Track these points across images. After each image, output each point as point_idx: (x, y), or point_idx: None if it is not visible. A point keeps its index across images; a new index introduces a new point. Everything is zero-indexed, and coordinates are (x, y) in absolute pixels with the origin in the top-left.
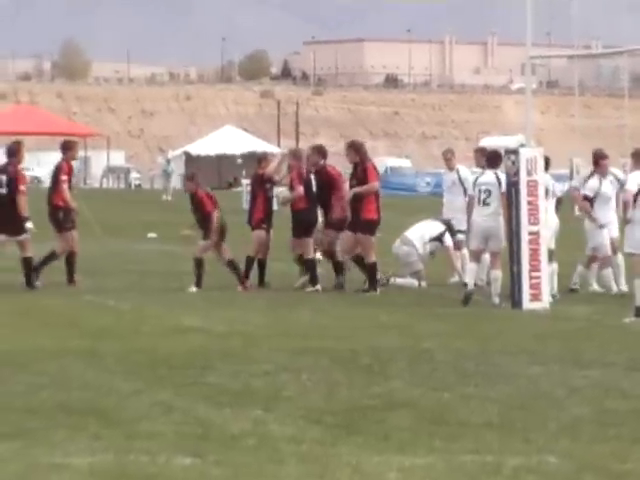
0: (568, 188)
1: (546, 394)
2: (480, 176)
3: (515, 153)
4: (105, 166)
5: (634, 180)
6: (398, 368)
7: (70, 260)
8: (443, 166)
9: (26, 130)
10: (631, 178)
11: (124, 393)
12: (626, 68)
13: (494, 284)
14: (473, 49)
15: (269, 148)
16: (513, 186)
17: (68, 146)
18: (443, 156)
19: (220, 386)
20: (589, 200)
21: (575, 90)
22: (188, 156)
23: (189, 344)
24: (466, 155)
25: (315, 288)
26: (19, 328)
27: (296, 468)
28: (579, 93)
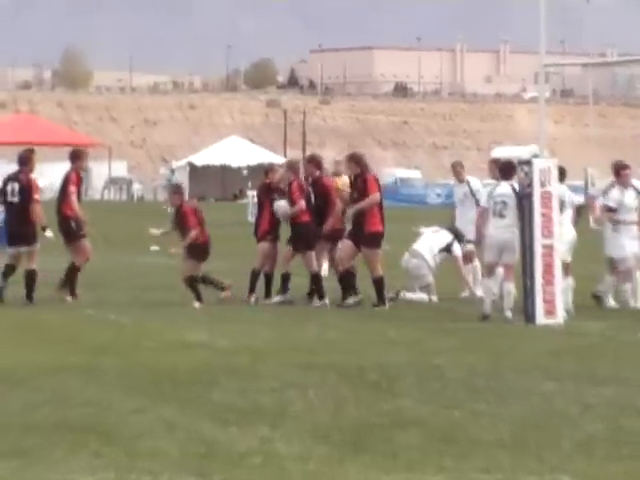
0: (584, 199)
1: (559, 412)
2: (495, 188)
3: (528, 164)
4: (107, 177)
5: None
6: (407, 385)
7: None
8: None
9: (26, 140)
10: None
11: (126, 410)
12: None
13: (507, 298)
14: (485, 57)
15: (275, 158)
16: (526, 198)
17: (77, 155)
18: (452, 168)
19: (225, 403)
20: (612, 212)
21: (590, 99)
22: (192, 167)
23: (193, 359)
24: (478, 166)
25: (322, 302)
26: (17, 343)
27: None
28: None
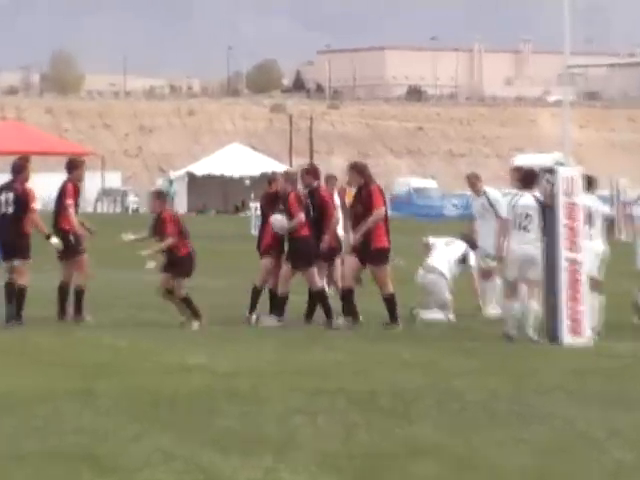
0: (614, 210)
1: (585, 436)
2: (518, 198)
3: (552, 172)
4: (99, 188)
5: None
6: (422, 410)
7: (63, 291)
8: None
9: (12, 149)
10: None
11: (122, 438)
12: None
13: (530, 316)
14: (504, 57)
15: (280, 167)
16: (550, 209)
17: (74, 165)
18: (467, 180)
19: (227, 430)
20: None
21: (617, 102)
22: (191, 177)
23: (193, 384)
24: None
25: (341, 321)
26: (7, 366)
27: None
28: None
